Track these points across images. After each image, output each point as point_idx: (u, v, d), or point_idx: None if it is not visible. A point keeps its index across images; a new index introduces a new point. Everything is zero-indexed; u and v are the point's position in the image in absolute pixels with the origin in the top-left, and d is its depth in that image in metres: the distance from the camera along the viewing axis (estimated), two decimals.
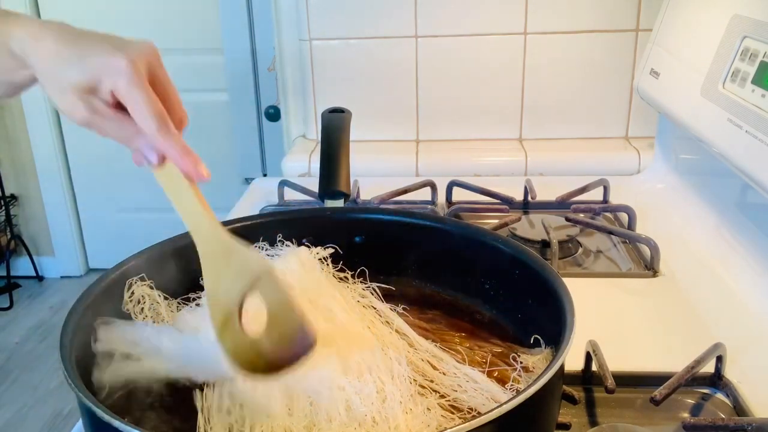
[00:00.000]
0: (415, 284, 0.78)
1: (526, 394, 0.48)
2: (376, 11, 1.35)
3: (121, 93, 0.51)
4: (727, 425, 0.59)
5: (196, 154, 0.53)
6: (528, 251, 0.69)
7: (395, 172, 1.30)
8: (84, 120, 0.53)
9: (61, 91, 0.52)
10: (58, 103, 0.53)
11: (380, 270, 0.75)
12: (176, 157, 0.53)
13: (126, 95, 0.51)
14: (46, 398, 2.35)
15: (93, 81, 0.51)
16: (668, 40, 1.09)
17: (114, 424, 0.46)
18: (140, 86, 0.51)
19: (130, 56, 0.51)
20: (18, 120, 2.90)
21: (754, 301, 0.83)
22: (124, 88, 0.51)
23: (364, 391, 0.55)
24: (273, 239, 0.75)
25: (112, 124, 0.53)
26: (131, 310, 0.66)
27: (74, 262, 3.13)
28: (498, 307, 0.73)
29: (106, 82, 0.51)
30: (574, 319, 0.57)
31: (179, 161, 0.54)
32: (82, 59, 0.51)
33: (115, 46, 0.51)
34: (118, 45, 0.52)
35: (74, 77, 0.51)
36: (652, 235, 0.94)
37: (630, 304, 0.86)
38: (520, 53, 1.35)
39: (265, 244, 0.74)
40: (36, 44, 0.53)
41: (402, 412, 0.55)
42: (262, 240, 0.74)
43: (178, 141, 0.53)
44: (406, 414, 0.55)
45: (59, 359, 0.53)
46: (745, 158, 0.80)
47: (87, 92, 0.52)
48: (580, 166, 1.29)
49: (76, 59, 0.52)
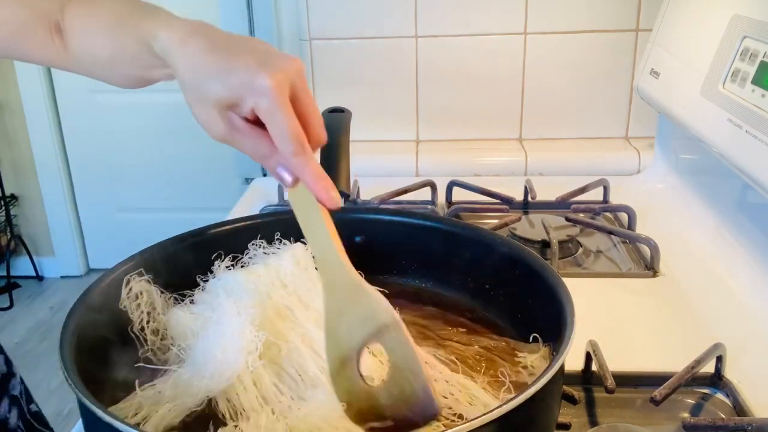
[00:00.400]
0: (415, 284, 0.79)
1: (526, 394, 0.48)
2: (376, 11, 1.35)
3: (263, 113, 0.50)
4: (727, 425, 0.59)
5: (330, 180, 0.52)
6: (528, 251, 0.69)
7: (395, 172, 1.30)
8: (221, 136, 0.52)
9: (201, 103, 0.52)
10: (197, 114, 0.52)
11: (380, 270, 0.75)
12: (310, 182, 0.52)
13: (267, 116, 0.50)
14: (46, 398, 2.35)
15: (235, 98, 0.50)
16: (668, 40, 1.09)
17: (114, 424, 0.46)
18: (282, 108, 0.50)
19: (275, 75, 0.49)
20: (18, 120, 2.90)
21: (754, 301, 0.83)
22: (266, 108, 0.50)
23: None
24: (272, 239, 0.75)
25: (249, 142, 0.52)
26: (128, 306, 0.65)
27: (74, 262, 3.13)
28: (498, 307, 0.73)
29: (248, 101, 0.50)
30: (574, 319, 0.57)
31: (312, 186, 0.52)
32: (226, 74, 0.50)
33: (260, 63, 0.50)
34: (264, 60, 0.50)
35: (217, 92, 0.50)
36: (652, 235, 0.94)
37: (630, 304, 0.86)
38: (520, 53, 1.35)
39: (263, 242, 0.74)
40: (181, 50, 0.52)
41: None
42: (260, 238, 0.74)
43: (312, 164, 0.52)
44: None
45: (59, 359, 0.53)
46: (745, 158, 0.80)
47: (227, 108, 0.51)
48: (580, 166, 1.29)
49: (220, 73, 0.50)
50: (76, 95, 2.87)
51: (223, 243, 0.74)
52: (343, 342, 0.54)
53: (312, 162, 0.51)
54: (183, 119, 2.85)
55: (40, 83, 2.84)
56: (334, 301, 0.54)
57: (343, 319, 0.54)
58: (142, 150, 2.92)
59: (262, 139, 0.52)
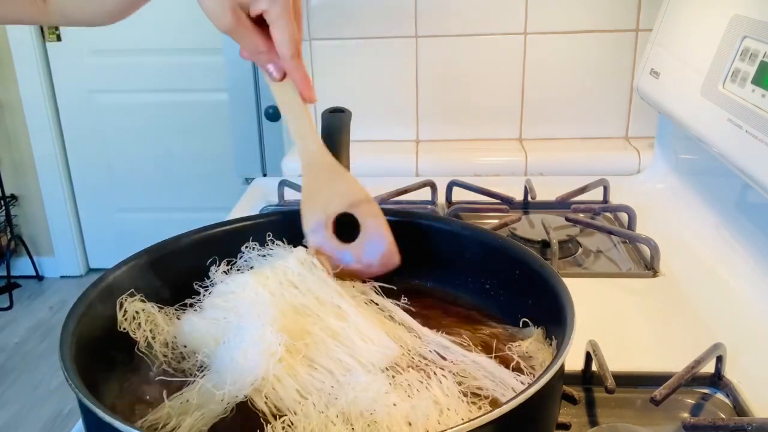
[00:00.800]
0: (415, 284, 0.78)
1: (526, 394, 0.48)
2: (376, 11, 1.35)
3: (271, 18, 0.57)
4: (727, 425, 0.59)
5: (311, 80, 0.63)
6: (528, 251, 0.69)
7: (395, 172, 1.30)
8: (227, 28, 0.58)
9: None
10: (207, 6, 0.57)
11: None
12: (299, 81, 0.62)
13: (275, 21, 0.57)
14: (46, 398, 2.35)
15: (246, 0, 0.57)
16: (668, 40, 1.09)
17: (114, 424, 0.46)
18: (288, 15, 0.57)
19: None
20: (18, 120, 2.90)
21: (754, 301, 0.83)
22: (276, 14, 0.57)
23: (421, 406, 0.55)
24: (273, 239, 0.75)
25: (250, 38, 0.59)
26: (128, 327, 0.64)
27: (74, 262, 3.13)
28: (497, 307, 0.73)
29: (261, 4, 0.57)
30: (574, 319, 0.57)
31: (300, 83, 0.63)
32: None
33: None
34: None
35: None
36: (652, 235, 0.94)
37: (630, 304, 0.86)
38: (520, 53, 1.35)
39: (256, 245, 0.74)
40: None
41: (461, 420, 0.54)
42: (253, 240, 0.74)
43: (302, 66, 0.61)
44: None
45: (59, 359, 0.53)
46: (745, 158, 0.80)
47: (237, 4, 0.57)
48: (580, 166, 1.29)
49: None
50: (76, 95, 2.87)
51: (222, 243, 0.74)
52: (320, 209, 0.66)
53: (302, 64, 0.61)
54: (183, 119, 2.86)
55: (40, 83, 2.84)
56: (313, 178, 0.65)
57: (321, 192, 0.65)
58: (142, 150, 2.92)
59: (261, 38, 0.59)
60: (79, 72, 2.83)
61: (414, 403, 0.55)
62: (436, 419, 0.54)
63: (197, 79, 2.72)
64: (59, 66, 2.84)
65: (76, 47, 2.80)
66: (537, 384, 0.49)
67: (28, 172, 2.98)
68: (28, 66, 2.82)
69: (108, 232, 3.07)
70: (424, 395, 0.56)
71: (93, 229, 3.11)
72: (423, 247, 0.78)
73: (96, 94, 2.85)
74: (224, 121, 2.82)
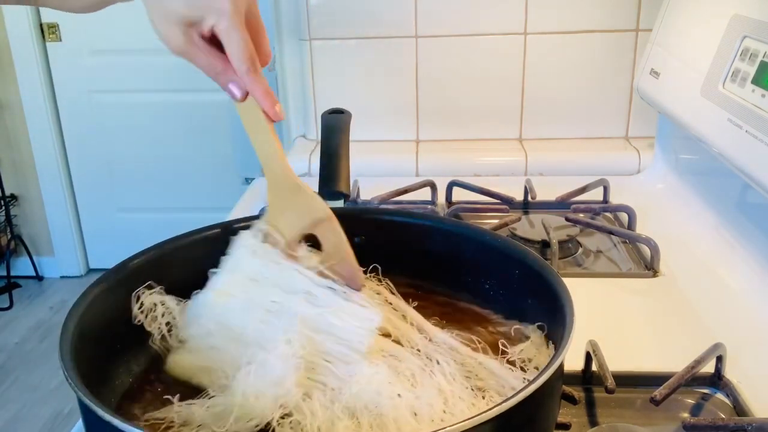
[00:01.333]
0: (415, 284, 0.78)
1: (526, 393, 0.48)
2: (376, 11, 1.35)
3: (221, 33, 0.55)
4: (727, 425, 0.59)
5: (275, 96, 0.60)
6: (528, 251, 0.69)
7: (395, 172, 1.30)
8: (179, 49, 0.57)
9: (164, 17, 0.56)
10: (159, 29, 0.57)
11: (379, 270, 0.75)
12: (260, 97, 0.59)
13: (225, 36, 0.56)
14: (46, 398, 2.35)
15: (195, 17, 0.55)
16: (668, 40, 1.09)
17: (114, 423, 0.46)
18: (239, 29, 0.55)
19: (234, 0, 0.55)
20: (18, 120, 2.90)
21: (754, 301, 0.83)
22: (225, 29, 0.55)
23: (425, 395, 0.55)
24: None
25: (205, 58, 0.58)
26: (143, 320, 0.64)
27: (74, 262, 3.13)
28: (497, 307, 0.73)
29: (209, 20, 0.55)
30: (574, 319, 0.57)
31: (262, 101, 0.59)
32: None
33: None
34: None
35: (180, 9, 0.55)
36: (652, 235, 0.94)
37: (630, 304, 0.86)
38: (520, 53, 1.35)
39: None
40: None
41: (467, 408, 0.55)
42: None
43: (262, 82, 0.58)
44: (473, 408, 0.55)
45: (59, 359, 0.53)
46: (745, 158, 0.80)
47: (188, 25, 0.56)
48: (580, 166, 1.29)
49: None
50: (76, 95, 2.87)
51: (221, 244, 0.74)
52: (283, 231, 0.64)
53: (262, 79, 0.58)
54: (183, 119, 2.86)
55: (40, 83, 2.84)
56: (277, 198, 0.64)
57: (284, 213, 0.63)
58: (142, 150, 2.92)
59: (216, 57, 0.58)
60: (79, 72, 2.83)
61: (418, 392, 0.55)
62: (441, 408, 0.54)
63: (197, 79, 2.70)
64: (59, 66, 2.84)
65: (76, 47, 2.80)
66: (536, 382, 0.49)
67: (28, 172, 2.98)
68: (28, 66, 2.81)
69: (108, 232, 3.07)
70: (427, 383, 0.56)
71: (93, 229, 3.11)
72: (423, 248, 0.78)
73: (96, 94, 2.85)
74: (224, 121, 2.83)
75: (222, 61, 0.58)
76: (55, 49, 2.83)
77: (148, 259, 0.69)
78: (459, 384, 0.57)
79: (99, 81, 2.83)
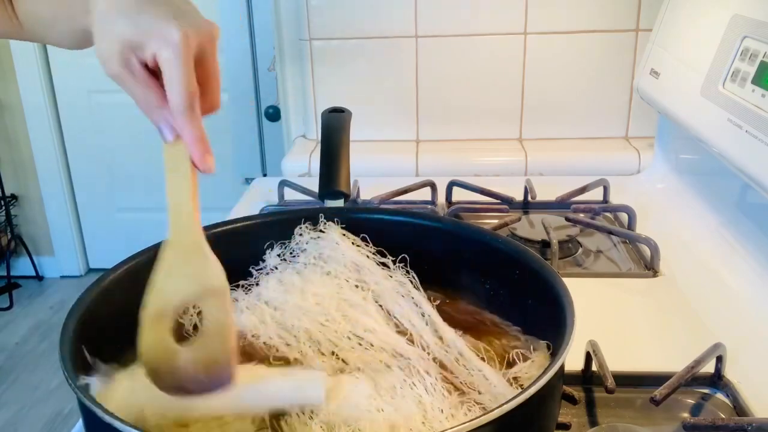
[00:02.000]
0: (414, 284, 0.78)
1: (526, 394, 0.48)
2: (376, 11, 1.35)
3: (162, 62, 0.50)
4: (727, 425, 0.59)
5: (208, 145, 0.54)
6: (528, 251, 0.69)
7: (395, 172, 1.30)
8: (114, 73, 0.52)
9: (106, 36, 0.52)
10: (98, 48, 0.53)
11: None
12: (190, 141, 0.53)
13: (166, 66, 0.50)
14: (46, 398, 2.35)
15: (139, 41, 0.51)
16: (668, 40, 1.09)
17: (114, 424, 0.46)
18: (183, 62, 0.50)
19: (185, 30, 0.50)
20: (18, 120, 2.90)
21: (754, 301, 0.83)
22: (167, 59, 0.50)
23: (403, 408, 0.55)
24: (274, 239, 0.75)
25: (140, 88, 0.52)
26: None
27: (74, 262, 3.13)
28: (497, 307, 0.73)
29: (151, 46, 0.50)
30: (574, 319, 0.57)
31: (191, 145, 0.53)
32: (138, 15, 0.51)
33: (175, 15, 0.50)
34: (180, 14, 0.51)
35: (123, 30, 0.51)
36: (652, 235, 0.94)
37: (630, 304, 0.86)
38: (520, 53, 1.35)
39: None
40: None
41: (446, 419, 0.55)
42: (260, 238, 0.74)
43: (196, 126, 0.52)
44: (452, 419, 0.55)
45: (59, 359, 0.53)
46: (745, 158, 0.80)
47: (130, 48, 0.51)
48: (580, 166, 1.29)
49: (132, 14, 0.51)
50: (76, 95, 2.87)
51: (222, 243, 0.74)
52: (167, 296, 0.54)
53: (197, 123, 0.52)
54: None
55: (40, 83, 2.84)
56: (172, 256, 0.56)
57: (173, 274, 0.55)
58: (142, 150, 2.91)
59: (152, 89, 0.52)
60: (79, 72, 2.83)
61: (397, 404, 0.55)
62: (420, 420, 0.54)
63: None
64: (59, 66, 2.84)
65: None
66: (537, 384, 0.49)
67: (28, 172, 2.98)
68: (28, 66, 2.81)
69: (108, 232, 3.07)
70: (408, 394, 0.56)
71: (93, 229, 3.11)
72: (423, 248, 0.78)
73: (96, 94, 2.85)
74: (224, 121, 2.82)
75: (158, 95, 0.52)
76: (55, 49, 2.82)
77: (148, 259, 0.69)
78: (439, 394, 0.57)
79: (99, 81, 2.83)
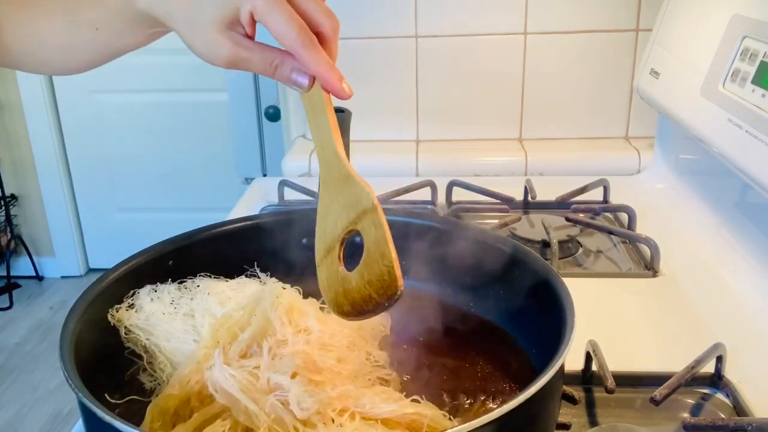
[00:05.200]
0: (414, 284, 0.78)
1: (526, 394, 0.48)
2: (376, 11, 1.35)
3: (261, 15, 0.50)
4: (727, 425, 0.59)
5: (340, 72, 0.53)
6: (528, 251, 0.69)
7: (395, 172, 1.30)
8: (229, 56, 0.52)
9: (201, 31, 0.52)
10: (200, 45, 0.52)
11: None
12: (323, 71, 0.52)
13: (266, 16, 0.50)
14: (46, 398, 2.35)
15: (232, 11, 0.50)
16: (668, 40, 1.09)
17: (114, 424, 0.46)
18: (278, 3, 0.49)
19: None
20: (18, 120, 2.90)
21: (754, 301, 0.83)
22: (263, 8, 0.49)
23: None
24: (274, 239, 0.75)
25: (257, 54, 0.52)
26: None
27: (74, 262, 3.13)
28: (497, 308, 0.73)
29: (244, 8, 0.50)
30: (574, 319, 0.57)
31: (325, 74, 0.52)
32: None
33: None
34: None
35: (212, 12, 0.51)
36: (652, 235, 0.94)
37: (630, 304, 0.86)
38: (520, 53, 1.35)
39: None
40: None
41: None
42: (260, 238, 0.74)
43: (322, 56, 0.52)
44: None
45: (59, 359, 0.53)
46: (745, 158, 0.80)
47: (228, 26, 0.51)
48: (580, 166, 1.29)
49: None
50: (76, 95, 2.87)
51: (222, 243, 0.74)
52: (329, 232, 0.56)
53: (322, 54, 0.51)
54: (183, 119, 2.86)
55: (40, 83, 2.84)
56: (327, 194, 0.57)
57: (331, 209, 0.56)
58: (142, 150, 2.92)
59: (267, 49, 0.52)
60: None
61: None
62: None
63: (197, 79, 2.71)
64: None
65: None
66: (537, 384, 0.49)
67: (28, 172, 2.98)
68: None
69: (108, 232, 3.07)
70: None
71: (93, 229, 3.11)
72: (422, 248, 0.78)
73: (96, 94, 2.85)
74: (224, 121, 2.82)
75: (274, 51, 0.52)
76: None
77: (148, 259, 0.69)
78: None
79: (99, 81, 2.83)
